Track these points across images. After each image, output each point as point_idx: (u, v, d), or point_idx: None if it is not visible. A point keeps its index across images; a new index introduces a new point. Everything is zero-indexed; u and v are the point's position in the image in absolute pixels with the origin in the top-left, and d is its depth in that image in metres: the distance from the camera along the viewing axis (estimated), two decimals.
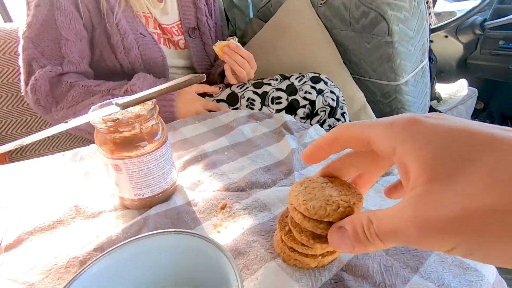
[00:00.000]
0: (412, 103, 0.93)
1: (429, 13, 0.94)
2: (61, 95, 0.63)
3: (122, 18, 0.68)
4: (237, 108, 0.72)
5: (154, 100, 0.33)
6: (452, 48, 1.42)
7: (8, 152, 0.87)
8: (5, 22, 0.93)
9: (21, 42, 0.62)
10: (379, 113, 0.98)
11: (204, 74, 0.38)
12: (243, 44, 1.02)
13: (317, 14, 0.89)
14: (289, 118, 0.58)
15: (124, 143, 0.31)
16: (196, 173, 0.42)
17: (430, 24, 0.95)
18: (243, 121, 0.58)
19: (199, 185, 0.40)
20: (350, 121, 0.81)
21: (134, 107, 0.33)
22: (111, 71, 0.72)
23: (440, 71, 1.50)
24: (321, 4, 0.87)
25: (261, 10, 1.15)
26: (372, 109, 0.94)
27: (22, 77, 0.64)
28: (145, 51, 0.72)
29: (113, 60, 0.70)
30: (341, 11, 0.83)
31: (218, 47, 0.73)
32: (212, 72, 0.88)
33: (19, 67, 0.64)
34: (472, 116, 1.39)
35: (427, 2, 0.85)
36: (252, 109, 0.72)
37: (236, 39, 0.74)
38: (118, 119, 0.30)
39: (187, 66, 0.87)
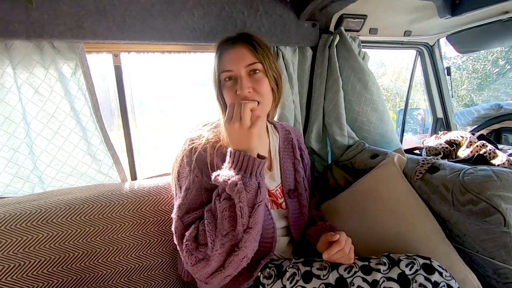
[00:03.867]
0: None
1: None
2: (203, 237, 0.66)
3: None
4: None
5: None
6: None
7: None
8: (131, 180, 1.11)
9: (173, 223, 0.72)
10: None
11: None
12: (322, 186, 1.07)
13: (412, 186, 0.91)
14: None
15: None
16: None
17: None
18: None
19: None
20: None
21: None
22: None
23: None
24: (416, 179, 0.89)
25: (342, 162, 1.23)
26: (482, 283, 0.83)
27: (180, 253, 0.70)
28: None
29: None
30: (441, 190, 0.83)
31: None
32: (307, 234, 0.90)
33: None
34: None
35: None
36: None
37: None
38: None
39: (285, 226, 0.91)
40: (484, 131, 1.51)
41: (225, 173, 0.66)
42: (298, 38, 1.17)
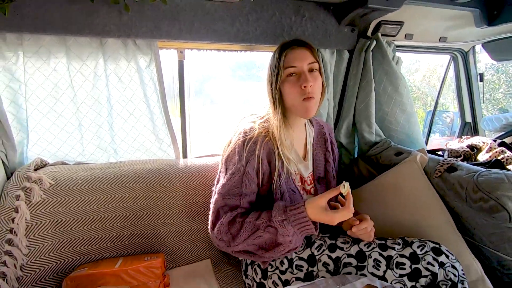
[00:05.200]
0: None
1: None
2: (236, 232, 0.85)
3: (283, 180, 0.92)
4: (364, 266, 0.84)
5: None
6: None
7: None
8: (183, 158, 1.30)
9: (215, 195, 0.90)
10: (496, 282, 0.97)
11: None
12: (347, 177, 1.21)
13: (431, 183, 1.03)
14: None
15: None
16: None
17: None
18: None
19: None
20: None
21: None
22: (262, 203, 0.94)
23: None
24: (435, 176, 1.01)
25: (367, 156, 1.35)
26: (487, 274, 0.94)
27: (210, 218, 0.90)
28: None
29: (268, 204, 0.92)
30: (457, 188, 0.95)
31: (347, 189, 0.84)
32: None
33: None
34: None
35: None
36: (378, 269, 0.83)
37: (348, 185, 0.83)
38: None
39: None
40: (509, 139, 1.55)
41: (285, 225, 0.81)
42: (337, 42, 1.28)
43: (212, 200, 0.91)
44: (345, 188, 0.81)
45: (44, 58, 0.95)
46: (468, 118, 1.83)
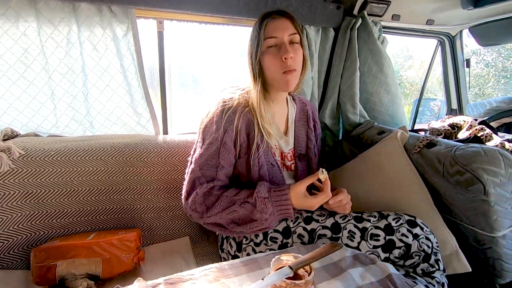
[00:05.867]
0: (511, 256, 0.92)
1: None
2: (211, 204, 0.84)
3: (262, 153, 0.90)
4: (338, 238, 0.83)
5: (313, 267, 0.47)
6: None
7: None
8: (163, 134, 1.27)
9: (191, 165, 0.88)
10: (472, 259, 0.97)
11: (342, 244, 0.52)
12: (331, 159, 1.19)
13: (410, 159, 1.02)
14: (392, 270, 0.66)
15: None
16: None
17: None
18: (350, 263, 0.68)
19: None
20: (444, 268, 0.83)
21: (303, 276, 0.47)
22: (242, 182, 0.93)
23: None
24: (414, 152, 1.00)
25: (351, 137, 1.35)
26: (463, 252, 0.95)
27: (184, 188, 0.88)
28: (273, 178, 0.92)
29: (247, 179, 0.91)
30: (435, 163, 0.94)
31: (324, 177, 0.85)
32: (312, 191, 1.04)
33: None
34: None
35: None
36: (352, 241, 0.82)
37: (326, 172, 0.84)
38: (295, 283, 0.44)
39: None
40: (494, 124, 1.56)
41: (264, 195, 0.82)
42: (322, 19, 1.26)
43: (188, 170, 0.89)
44: (323, 174, 0.81)
45: (12, 20, 0.90)
46: (454, 105, 1.84)
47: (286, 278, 0.45)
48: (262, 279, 0.44)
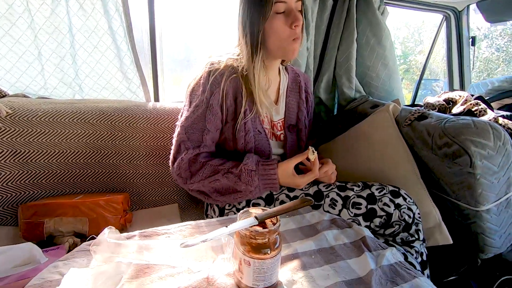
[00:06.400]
0: (494, 231, 0.91)
1: None
2: (195, 171, 0.84)
3: (249, 119, 0.89)
4: (321, 205, 0.84)
5: (279, 219, 0.47)
6: None
7: None
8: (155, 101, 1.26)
9: (178, 129, 0.88)
10: (456, 234, 0.97)
11: (312, 200, 0.51)
12: (325, 135, 1.18)
13: (400, 132, 1.00)
14: (368, 233, 0.66)
15: (256, 248, 0.45)
16: (290, 272, 0.53)
17: None
18: (326, 225, 0.68)
19: (293, 284, 0.50)
20: (424, 238, 0.84)
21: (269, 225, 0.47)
22: (228, 151, 0.93)
23: None
24: (405, 125, 0.98)
25: (346, 111, 1.32)
26: (447, 227, 0.95)
27: (172, 152, 0.88)
28: (259, 145, 0.91)
29: (233, 146, 0.90)
30: (424, 135, 0.92)
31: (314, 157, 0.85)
32: None
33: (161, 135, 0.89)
34: None
35: None
36: (334, 208, 0.82)
37: (316, 153, 0.83)
38: (258, 231, 0.44)
39: (281, 154, 1.04)
40: (496, 105, 1.52)
41: (251, 168, 0.81)
42: None
43: (175, 134, 0.89)
44: (313, 154, 0.81)
45: None
46: (457, 85, 1.79)
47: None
48: (226, 227, 0.44)
